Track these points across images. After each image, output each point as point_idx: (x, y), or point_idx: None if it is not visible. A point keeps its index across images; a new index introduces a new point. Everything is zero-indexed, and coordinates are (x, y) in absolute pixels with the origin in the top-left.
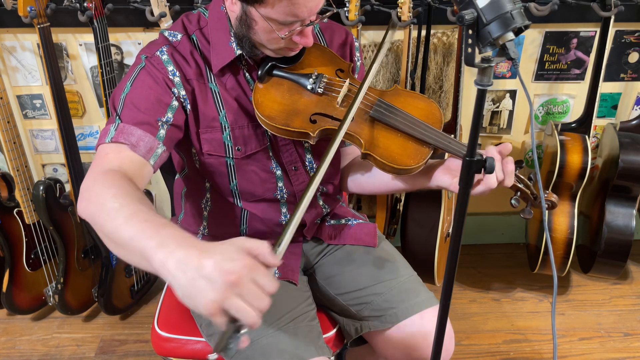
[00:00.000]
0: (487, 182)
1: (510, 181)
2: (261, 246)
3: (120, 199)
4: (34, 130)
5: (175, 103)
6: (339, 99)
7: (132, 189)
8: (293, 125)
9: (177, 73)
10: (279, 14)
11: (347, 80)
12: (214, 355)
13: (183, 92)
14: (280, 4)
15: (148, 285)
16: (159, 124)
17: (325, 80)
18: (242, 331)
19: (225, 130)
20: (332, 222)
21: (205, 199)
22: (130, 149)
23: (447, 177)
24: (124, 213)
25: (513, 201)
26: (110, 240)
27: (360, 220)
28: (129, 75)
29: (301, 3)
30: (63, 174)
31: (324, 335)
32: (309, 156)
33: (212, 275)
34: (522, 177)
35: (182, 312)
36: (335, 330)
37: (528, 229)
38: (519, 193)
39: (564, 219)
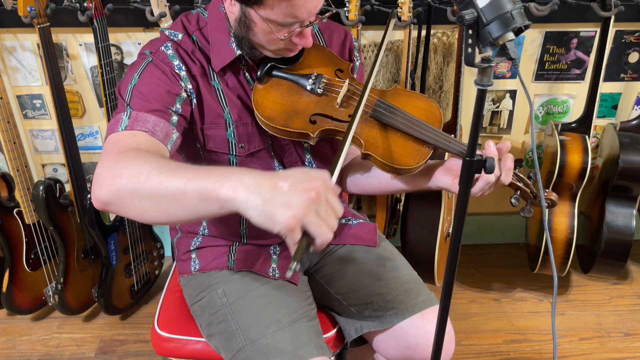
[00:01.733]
0: (484, 177)
1: (508, 178)
2: (325, 173)
3: (157, 160)
4: (34, 130)
5: (183, 94)
6: (339, 100)
7: (162, 156)
8: (293, 126)
9: (183, 67)
10: (278, 16)
11: (347, 81)
12: (294, 264)
13: (189, 86)
14: (280, 6)
15: (148, 285)
16: (170, 111)
17: (324, 80)
18: (310, 249)
19: (230, 127)
20: None
21: None
22: (149, 135)
23: (447, 178)
24: (167, 167)
25: (513, 200)
26: (154, 201)
27: (361, 220)
28: (134, 68)
29: (300, 4)
30: (63, 174)
31: (324, 335)
32: (308, 156)
33: (290, 193)
34: (521, 175)
35: (182, 312)
36: (335, 330)
37: (528, 229)
38: (518, 192)
39: (564, 219)
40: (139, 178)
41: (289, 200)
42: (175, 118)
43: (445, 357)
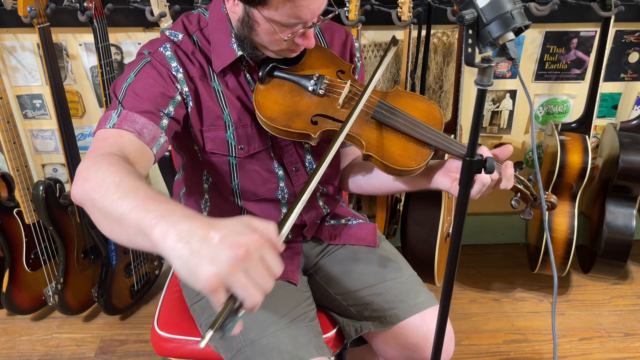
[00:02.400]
0: (480, 179)
1: (509, 184)
2: (268, 226)
3: (122, 175)
4: (34, 130)
5: (178, 97)
6: (340, 101)
7: (133, 169)
8: (294, 127)
9: (180, 70)
10: (281, 16)
11: (349, 82)
12: (209, 333)
13: (186, 89)
14: (284, 7)
15: (148, 285)
16: (161, 114)
17: (326, 81)
18: (240, 313)
19: (229, 129)
20: (332, 222)
21: (204, 200)
22: (136, 136)
23: (446, 180)
24: (124, 187)
25: (513, 202)
26: (104, 217)
27: (360, 220)
28: (131, 67)
29: (304, 5)
30: (63, 174)
31: (324, 336)
32: (309, 157)
33: (219, 247)
34: (522, 178)
35: (182, 312)
36: (335, 330)
37: (528, 229)
38: (519, 194)
39: (564, 219)
40: (100, 189)
41: (215, 255)
42: (165, 121)
43: (445, 357)
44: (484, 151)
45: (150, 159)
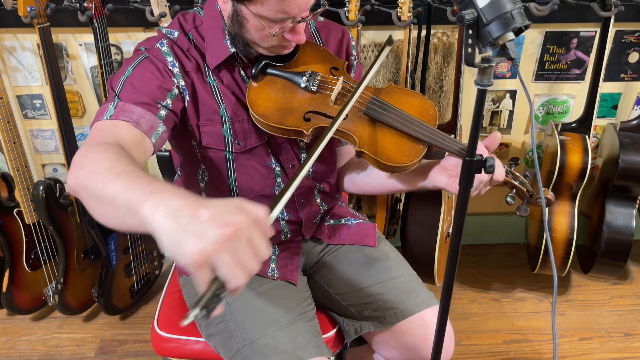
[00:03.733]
0: (478, 176)
1: (500, 172)
2: (259, 209)
3: (113, 160)
4: (34, 130)
5: (175, 90)
6: (333, 97)
7: (126, 154)
8: (287, 124)
9: (177, 64)
10: (269, 11)
11: (341, 78)
12: (193, 312)
13: (182, 83)
14: (269, 1)
15: (148, 285)
16: (159, 106)
17: (318, 78)
18: (222, 295)
19: (226, 124)
20: (331, 222)
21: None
22: (133, 125)
23: (443, 177)
24: (115, 170)
25: (508, 199)
26: (97, 201)
27: (360, 220)
28: (129, 62)
29: (290, 0)
30: (63, 174)
31: (324, 336)
32: (304, 155)
33: (207, 224)
34: (517, 174)
35: (182, 312)
36: (334, 330)
37: (528, 229)
38: (514, 190)
39: (564, 219)
40: (91, 175)
41: (202, 232)
42: (163, 112)
43: (445, 357)
44: (480, 148)
45: (149, 148)
